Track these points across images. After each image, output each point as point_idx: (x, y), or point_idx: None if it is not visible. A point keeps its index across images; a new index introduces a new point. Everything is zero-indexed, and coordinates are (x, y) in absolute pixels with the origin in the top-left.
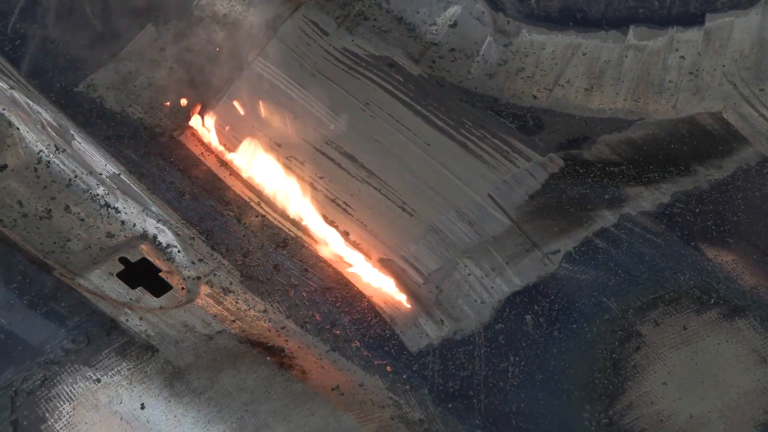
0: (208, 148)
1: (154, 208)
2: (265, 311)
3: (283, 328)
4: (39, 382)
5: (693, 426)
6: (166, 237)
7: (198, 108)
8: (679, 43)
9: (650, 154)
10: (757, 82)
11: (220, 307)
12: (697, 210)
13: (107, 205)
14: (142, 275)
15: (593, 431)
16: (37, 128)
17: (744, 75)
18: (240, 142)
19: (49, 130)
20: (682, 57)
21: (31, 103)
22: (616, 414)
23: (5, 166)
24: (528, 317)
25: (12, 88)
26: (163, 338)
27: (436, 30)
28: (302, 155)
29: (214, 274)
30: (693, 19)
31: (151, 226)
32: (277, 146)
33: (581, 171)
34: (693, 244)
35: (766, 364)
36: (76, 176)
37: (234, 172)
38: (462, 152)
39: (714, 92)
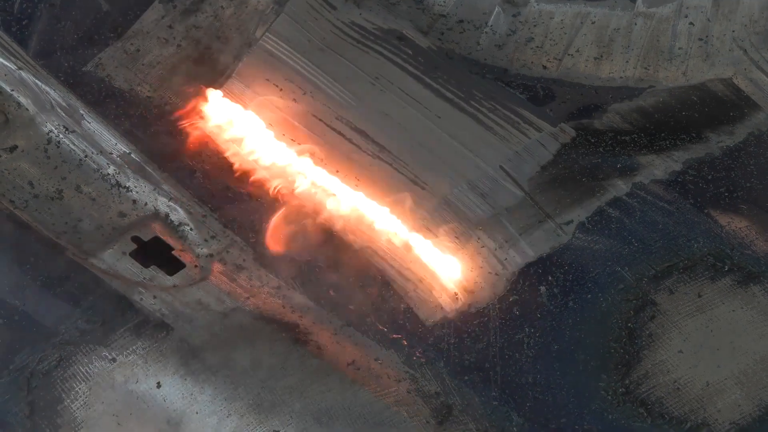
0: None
1: (165, 187)
2: (278, 287)
3: (297, 304)
4: (55, 362)
5: (709, 393)
6: (177, 215)
7: (205, 88)
8: (688, 9)
9: (661, 121)
10: (767, 47)
11: (233, 285)
12: (709, 177)
13: (118, 185)
14: (155, 254)
15: (610, 401)
16: (47, 108)
17: (754, 40)
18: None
19: (59, 110)
20: (691, 23)
21: (39, 83)
22: (632, 383)
23: (15, 147)
24: (542, 288)
25: (20, 68)
26: (178, 317)
27: (444, 1)
28: (312, 130)
29: (227, 252)
30: None
31: (163, 204)
32: (287, 122)
33: (592, 140)
34: (706, 211)
35: None
36: (86, 156)
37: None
38: (473, 124)
39: (724, 58)
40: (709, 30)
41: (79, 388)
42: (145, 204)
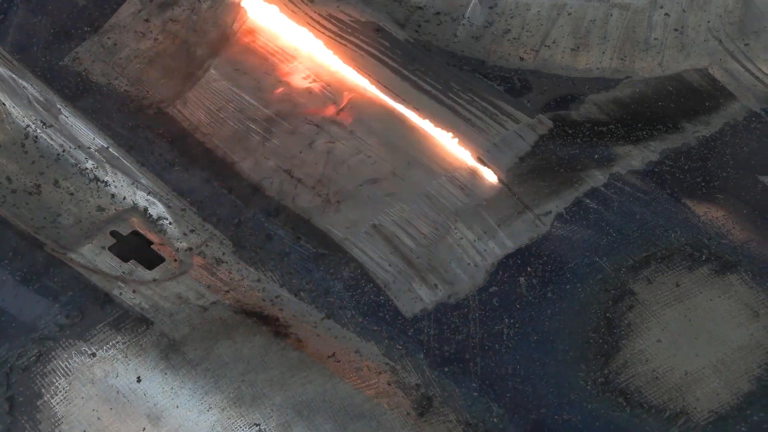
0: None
1: (143, 181)
2: (258, 281)
3: (277, 297)
4: (34, 358)
5: (688, 382)
6: (156, 209)
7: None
8: (664, 0)
9: (638, 112)
10: (742, 37)
11: (213, 278)
12: (686, 167)
13: (96, 179)
14: (134, 248)
15: (589, 390)
16: (24, 103)
17: (729, 30)
18: (224, 120)
19: (36, 104)
20: (666, 14)
21: (16, 77)
22: (611, 373)
23: None
24: (521, 279)
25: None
26: (158, 311)
27: None
28: (289, 125)
29: (207, 245)
30: None
31: (142, 198)
32: (264, 120)
33: (570, 131)
34: (683, 201)
35: (758, 319)
36: (64, 150)
37: (223, 141)
38: (451, 116)
39: (699, 48)
40: (685, 21)
41: (59, 383)
42: (124, 198)
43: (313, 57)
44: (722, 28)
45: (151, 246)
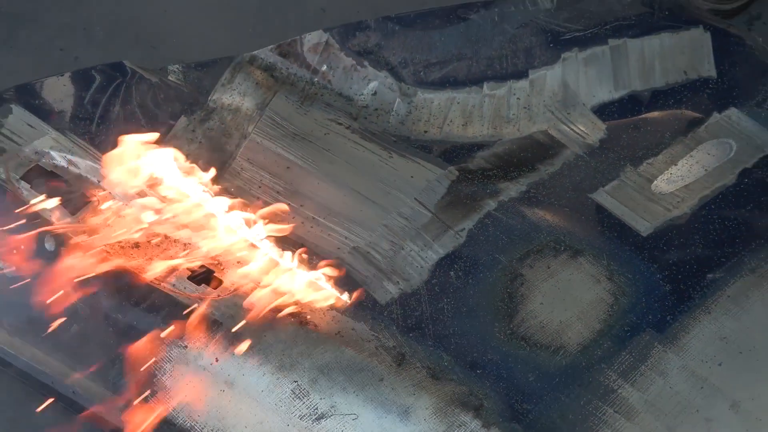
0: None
1: None
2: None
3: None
4: None
5: (563, 327)
6: None
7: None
8: (515, 89)
9: (509, 161)
10: (565, 109)
11: None
12: (543, 193)
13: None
14: (205, 274)
15: (502, 339)
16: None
17: (557, 106)
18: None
19: None
20: (518, 98)
21: None
22: (514, 326)
23: None
24: (452, 273)
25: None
26: (223, 315)
27: (364, 98)
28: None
29: None
30: (522, 74)
31: None
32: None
33: (469, 176)
34: (543, 215)
35: (600, 284)
36: None
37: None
38: (396, 172)
39: (541, 118)
40: (529, 101)
41: (166, 366)
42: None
43: None
44: (552, 104)
45: (214, 273)
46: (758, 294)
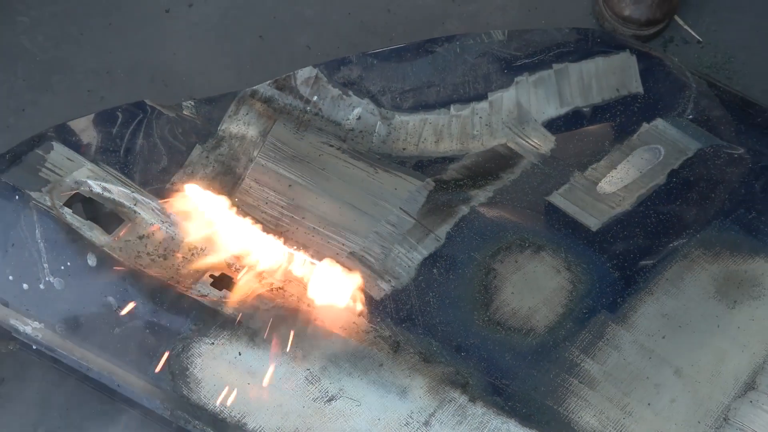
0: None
1: None
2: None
3: (308, 305)
4: (180, 348)
5: (531, 312)
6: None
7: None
8: (478, 110)
9: (477, 171)
10: (521, 125)
11: (271, 293)
12: (507, 198)
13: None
14: (226, 279)
15: (481, 325)
16: (150, 213)
17: (513, 122)
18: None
19: (156, 212)
20: (480, 117)
21: (141, 197)
22: (490, 313)
23: None
24: (435, 270)
25: (134, 191)
26: (244, 314)
27: (350, 123)
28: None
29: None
30: (482, 97)
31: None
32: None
33: (444, 186)
34: (508, 216)
35: (560, 274)
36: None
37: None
38: (382, 185)
39: (500, 133)
40: (490, 120)
41: (196, 361)
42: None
43: None
44: (509, 121)
45: (233, 280)
46: (691, 276)
